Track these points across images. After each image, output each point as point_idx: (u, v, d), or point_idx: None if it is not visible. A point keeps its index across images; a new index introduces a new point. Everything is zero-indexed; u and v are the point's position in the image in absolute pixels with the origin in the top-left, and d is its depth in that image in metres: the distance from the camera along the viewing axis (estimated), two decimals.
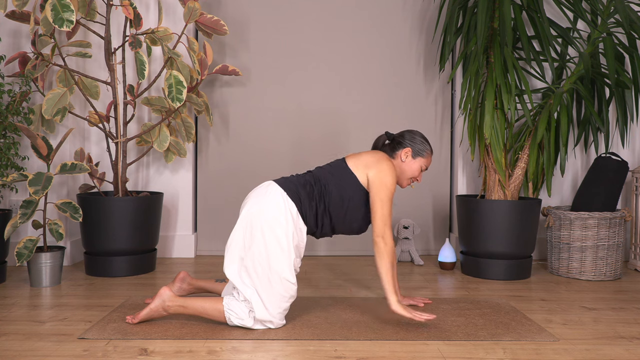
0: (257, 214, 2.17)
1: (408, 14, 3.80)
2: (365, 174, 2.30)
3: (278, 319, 2.20)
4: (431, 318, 2.17)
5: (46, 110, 2.95)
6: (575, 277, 3.17)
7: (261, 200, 2.20)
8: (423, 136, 2.47)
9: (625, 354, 2.01)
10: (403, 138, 2.45)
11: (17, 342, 2.07)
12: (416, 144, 2.43)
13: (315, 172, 2.37)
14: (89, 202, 3.07)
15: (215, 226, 3.80)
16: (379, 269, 2.24)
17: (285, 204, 2.19)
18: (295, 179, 2.30)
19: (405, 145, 2.43)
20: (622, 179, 3.24)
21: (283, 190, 2.22)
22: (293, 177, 2.32)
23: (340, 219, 2.32)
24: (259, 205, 2.19)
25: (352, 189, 2.29)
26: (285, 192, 2.21)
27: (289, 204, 2.19)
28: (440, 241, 3.86)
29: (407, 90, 3.82)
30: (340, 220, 2.32)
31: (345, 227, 2.35)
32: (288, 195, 2.21)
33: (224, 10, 3.76)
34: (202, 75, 3.20)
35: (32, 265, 2.83)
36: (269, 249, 2.15)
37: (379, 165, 2.29)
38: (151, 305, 2.23)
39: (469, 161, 3.72)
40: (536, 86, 3.64)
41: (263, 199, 2.20)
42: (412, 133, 2.47)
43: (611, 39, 3.11)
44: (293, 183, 2.26)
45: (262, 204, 2.18)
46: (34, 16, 2.87)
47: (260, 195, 2.22)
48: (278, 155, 3.78)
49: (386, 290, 2.22)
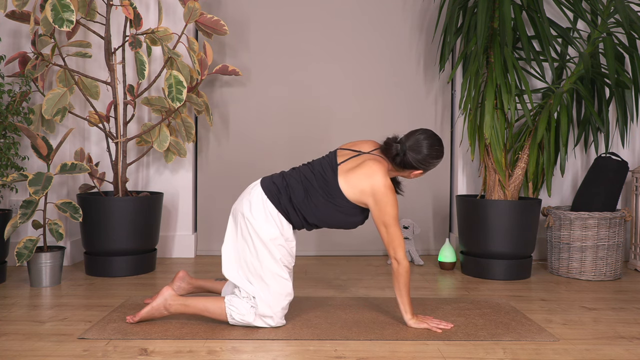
0: (241, 216, 2.23)
1: (408, 14, 3.80)
2: (362, 200, 2.19)
3: (279, 317, 2.21)
4: (448, 328, 2.23)
5: (46, 110, 2.95)
6: (575, 277, 3.17)
7: (244, 201, 2.24)
8: (439, 151, 2.25)
9: (625, 354, 2.01)
10: (418, 161, 2.23)
11: (17, 342, 2.07)
12: (430, 166, 2.26)
13: (303, 176, 2.27)
14: (89, 202, 3.07)
15: (215, 226, 3.80)
16: (394, 288, 2.27)
17: (264, 205, 2.21)
18: (280, 180, 2.27)
19: (418, 168, 2.26)
20: (622, 179, 3.24)
21: (264, 193, 2.23)
22: (277, 177, 2.28)
23: (327, 223, 2.30)
24: (242, 206, 2.24)
25: (342, 204, 2.23)
26: (266, 195, 2.23)
27: (269, 206, 2.21)
28: (440, 241, 3.86)
29: (407, 90, 3.82)
30: (329, 223, 2.31)
31: (335, 225, 2.33)
32: (268, 198, 2.22)
33: (224, 10, 3.76)
34: (202, 75, 3.20)
35: (32, 265, 2.83)
36: (257, 248, 2.19)
37: (377, 196, 2.16)
38: (153, 304, 2.24)
39: (469, 161, 3.72)
40: (536, 86, 3.64)
41: (246, 200, 2.24)
42: (430, 152, 2.23)
43: (611, 39, 3.11)
44: (276, 185, 2.25)
45: (245, 207, 2.23)
46: (34, 16, 2.86)
47: (245, 195, 2.27)
48: (278, 156, 3.78)
49: (401, 308, 2.27)
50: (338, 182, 2.20)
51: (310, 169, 2.28)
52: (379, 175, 2.16)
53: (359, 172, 2.18)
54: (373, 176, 2.16)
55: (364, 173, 2.18)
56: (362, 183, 2.17)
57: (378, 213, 2.18)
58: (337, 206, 2.22)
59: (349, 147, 2.32)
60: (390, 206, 2.16)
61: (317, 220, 2.26)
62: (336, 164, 2.24)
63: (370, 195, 2.17)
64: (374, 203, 2.17)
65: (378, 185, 2.15)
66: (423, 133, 2.25)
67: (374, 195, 2.16)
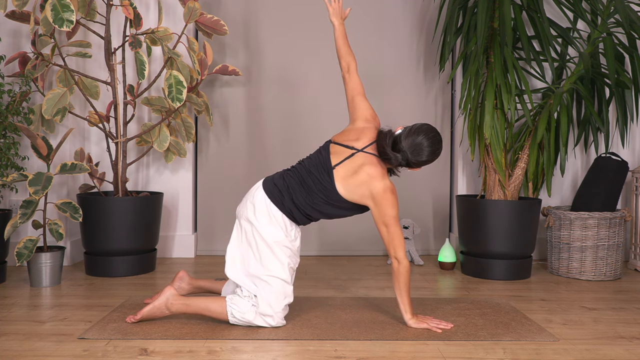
0: (245, 219, 2.25)
1: (408, 14, 3.80)
2: (362, 202, 2.20)
3: (279, 317, 2.22)
4: (448, 328, 2.23)
5: (46, 110, 2.94)
6: (575, 277, 3.17)
7: (248, 204, 2.26)
8: (439, 150, 2.22)
9: (625, 354, 2.01)
10: (418, 164, 2.21)
11: (17, 342, 2.07)
12: (427, 163, 2.23)
13: (302, 179, 2.26)
14: (89, 202, 3.07)
15: (215, 226, 3.80)
16: (394, 288, 2.27)
17: (268, 208, 2.22)
18: (281, 181, 2.27)
19: (415, 167, 2.24)
20: (622, 179, 3.24)
21: (267, 197, 2.24)
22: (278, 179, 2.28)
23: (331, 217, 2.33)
24: (247, 210, 2.25)
25: (343, 205, 2.25)
26: (269, 198, 2.23)
27: (272, 209, 2.22)
28: (440, 241, 3.86)
29: (407, 90, 3.82)
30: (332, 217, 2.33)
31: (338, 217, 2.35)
32: (271, 200, 2.23)
33: (224, 10, 3.76)
34: (202, 75, 3.20)
35: (32, 265, 2.83)
36: (261, 251, 2.21)
37: (377, 199, 2.16)
38: (155, 303, 2.24)
39: (469, 161, 3.72)
40: (536, 86, 3.64)
41: (250, 203, 2.26)
42: (431, 158, 2.21)
43: (611, 39, 3.11)
44: (277, 187, 2.25)
45: (249, 210, 2.24)
46: (34, 16, 2.86)
47: (249, 198, 2.28)
48: (278, 155, 3.78)
49: (401, 308, 2.27)
50: (336, 188, 2.20)
51: (307, 172, 2.25)
52: (377, 180, 2.17)
53: (357, 179, 2.18)
54: (372, 182, 2.17)
55: (362, 181, 2.17)
56: (360, 190, 2.18)
57: (378, 214, 2.18)
58: (339, 207, 2.25)
59: (341, 140, 2.26)
60: (391, 207, 2.17)
61: (321, 217, 2.30)
62: (331, 167, 2.21)
63: (369, 199, 2.18)
64: (374, 205, 2.18)
65: (377, 190, 2.16)
66: (425, 136, 2.18)
67: (373, 198, 2.17)
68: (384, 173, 2.20)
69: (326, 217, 2.31)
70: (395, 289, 2.26)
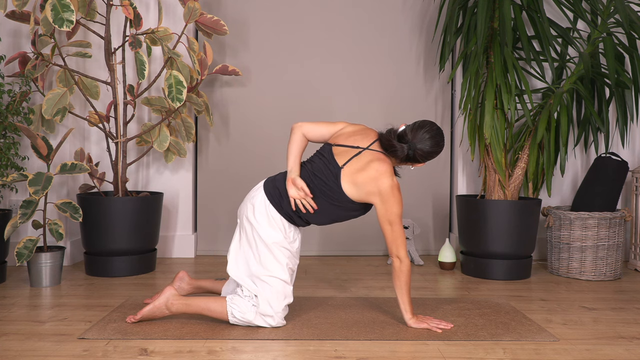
0: (245, 219, 2.26)
1: (408, 14, 3.80)
2: (368, 200, 2.19)
3: (279, 317, 2.22)
4: (448, 328, 2.24)
5: (46, 110, 2.95)
6: (575, 277, 3.17)
7: (248, 205, 2.27)
8: (441, 144, 2.25)
9: (625, 354, 2.01)
10: (424, 157, 2.24)
11: (17, 342, 2.07)
12: (430, 158, 2.26)
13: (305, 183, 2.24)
14: (89, 202, 3.07)
15: (215, 226, 3.80)
16: (395, 287, 2.26)
17: (267, 210, 2.23)
18: (282, 183, 2.26)
19: (420, 162, 2.26)
20: (622, 179, 3.24)
21: (266, 198, 2.24)
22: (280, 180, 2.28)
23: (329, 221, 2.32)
24: (247, 210, 2.26)
25: (346, 205, 2.24)
26: (268, 199, 2.24)
27: (271, 211, 2.22)
28: (440, 241, 3.86)
29: (407, 90, 3.82)
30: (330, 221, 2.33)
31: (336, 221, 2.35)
32: (270, 202, 2.23)
33: (224, 10, 3.76)
34: (202, 75, 3.20)
35: (32, 265, 2.83)
36: (260, 251, 2.21)
37: (384, 196, 2.15)
38: (155, 303, 2.24)
39: (469, 161, 3.72)
40: (536, 86, 3.64)
41: (250, 203, 2.26)
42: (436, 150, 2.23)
43: (611, 39, 3.11)
44: (278, 189, 2.25)
45: (249, 211, 2.25)
46: (34, 16, 2.86)
47: (249, 199, 2.29)
48: (278, 156, 3.78)
49: (401, 307, 2.27)
50: (342, 188, 2.19)
51: (312, 176, 2.24)
52: (386, 177, 2.16)
53: (365, 175, 2.17)
54: (380, 179, 2.15)
55: (370, 177, 2.16)
56: (369, 186, 2.16)
57: (384, 212, 2.17)
58: (341, 207, 2.24)
59: (344, 142, 2.26)
60: (397, 205, 2.17)
61: (320, 221, 2.29)
62: (338, 167, 2.20)
63: (377, 196, 2.17)
64: (380, 202, 2.17)
65: (386, 187, 2.15)
66: (429, 128, 2.22)
67: (381, 195, 2.16)
68: (391, 170, 2.20)
69: (325, 221, 2.30)
70: (395, 288, 2.26)
